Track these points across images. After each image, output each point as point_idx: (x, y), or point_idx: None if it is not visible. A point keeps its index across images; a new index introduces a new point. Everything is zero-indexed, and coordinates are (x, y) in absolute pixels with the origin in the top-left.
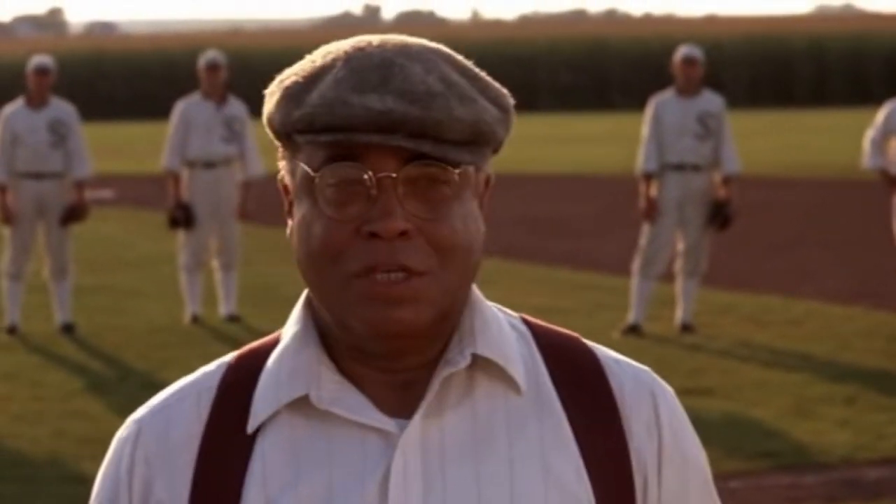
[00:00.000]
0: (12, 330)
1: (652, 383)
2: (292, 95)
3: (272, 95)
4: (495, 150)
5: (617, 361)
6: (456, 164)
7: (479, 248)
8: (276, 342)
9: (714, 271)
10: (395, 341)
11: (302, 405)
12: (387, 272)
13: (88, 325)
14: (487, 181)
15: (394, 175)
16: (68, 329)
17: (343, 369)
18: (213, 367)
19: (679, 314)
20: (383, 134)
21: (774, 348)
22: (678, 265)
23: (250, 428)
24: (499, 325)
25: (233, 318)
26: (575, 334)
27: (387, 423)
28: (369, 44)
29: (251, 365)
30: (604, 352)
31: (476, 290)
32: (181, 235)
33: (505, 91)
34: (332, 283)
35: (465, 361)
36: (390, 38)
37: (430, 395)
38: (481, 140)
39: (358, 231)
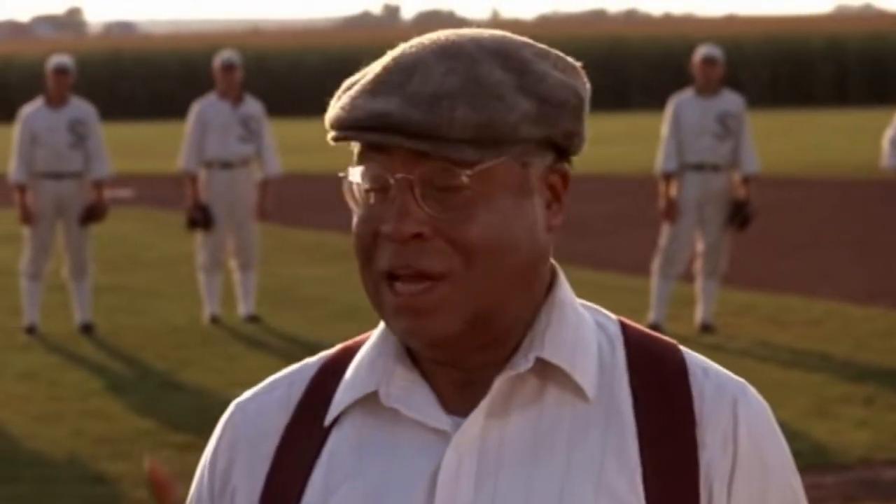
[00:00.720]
0: (31, 330)
1: (736, 393)
2: (337, 96)
3: None
4: (566, 146)
5: (706, 370)
6: (468, 164)
7: (525, 246)
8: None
9: (733, 271)
10: (433, 350)
11: (373, 400)
12: (408, 282)
13: (107, 325)
14: (564, 178)
15: (410, 176)
16: (87, 329)
17: (420, 365)
18: (315, 358)
19: (699, 314)
20: (384, 133)
21: (793, 348)
22: (698, 265)
23: (327, 421)
24: (578, 329)
25: (251, 318)
26: (672, 341)
27: (444, 422)
28: (421, 43)
29: (345, 358)
30: (696, 360)
31: (562, 290)
32: (199, 235)
33: (567, 84)
34: (368, 286)
35: (526, 365)
36: (449, 35)
37: (489, 398)
38: (496, 139)
39: (379, 231)
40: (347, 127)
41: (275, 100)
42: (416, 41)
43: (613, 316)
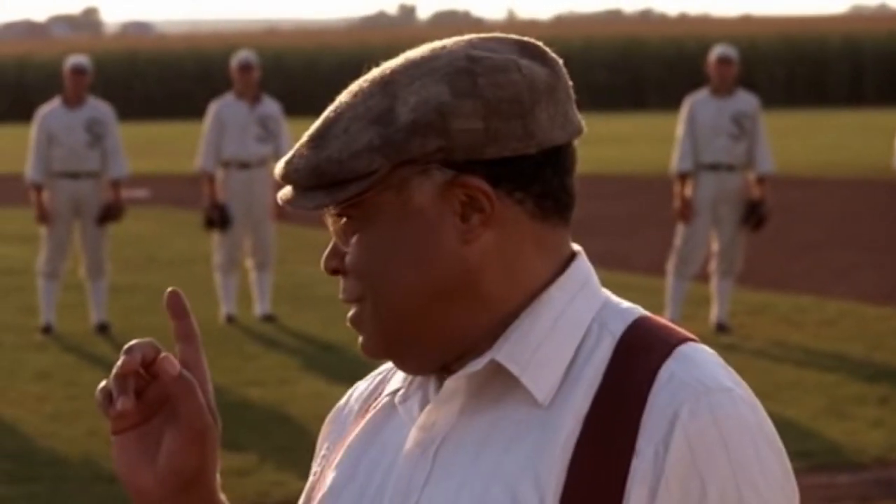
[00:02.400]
0: (47, 329)
1: (687, 401)
2: None
3: None
4: (467, 160)
5: (672, 376)
6: (323, 205)
7: (414, 270)
8: None
9: (748, 271)
10: (379, 360)
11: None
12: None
13: (123, 325)
14: (475, 189)
15: (332, 210)
16: (103, 328)
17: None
18: None
19: (714, 314)
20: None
21: (808, 348)
22: (713, 265)
23: (371, 411)
24: (553, 331)
25: (268, 318)
26: (674, 341)
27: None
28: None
29: None
30: (678, 363)
31: (555, 289)
32: (216, 235)
33: (429, 101)
34: None
35: (478, 367)
36: (408, 56)
37: (440, 396)
38: (331, 180)
39: None
40: None
41: (291, 100)
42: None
43: (637, 312)
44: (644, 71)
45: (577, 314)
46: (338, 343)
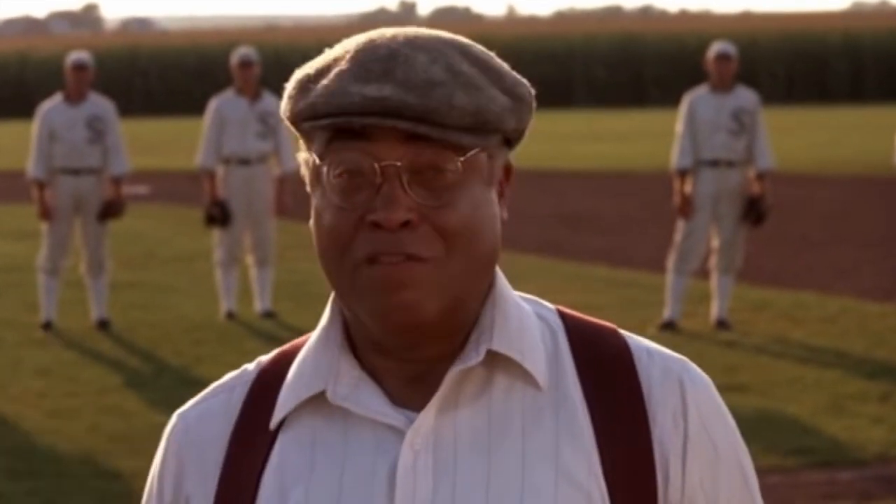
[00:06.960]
0: (48, 326)
1: (682, 372)
2: (301, 87)
3: (287, 88)
4: (513, 141)
5: (649, 351)
6: (457, 150)
7: (491, 236)
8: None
9: (749, 268)
10: (405, 333)
11: (321, 400)
12: (393, 258)
13: (124, 321)
14: (508, 171)
15: (398, 163)
16: (104, 325)
17: (364, 363)
18: (253, 364)
19: (714, 310)
20: (380, 117)
21: (809, 345)
22: (713, 261)
23: (272, 424)
24: (521, 319)
25: (268, 315)
26: (611, 326)
27: (396, 418)
28: (381, 36)
29: (284, 362)
30: (638, 343)
31: (502, 284)
32: (216, 232)
33: (522, 81)
34: (343, 274)
35: (477, 358)
36: (403, 30)
37: (442, 392)
38: (485, 127)
39: (363, 220)
40: (338, 113)
41: None
42: (375, 34)
43: (551, 306)
44: (644, 67)
45: (524, 305)
46: None
